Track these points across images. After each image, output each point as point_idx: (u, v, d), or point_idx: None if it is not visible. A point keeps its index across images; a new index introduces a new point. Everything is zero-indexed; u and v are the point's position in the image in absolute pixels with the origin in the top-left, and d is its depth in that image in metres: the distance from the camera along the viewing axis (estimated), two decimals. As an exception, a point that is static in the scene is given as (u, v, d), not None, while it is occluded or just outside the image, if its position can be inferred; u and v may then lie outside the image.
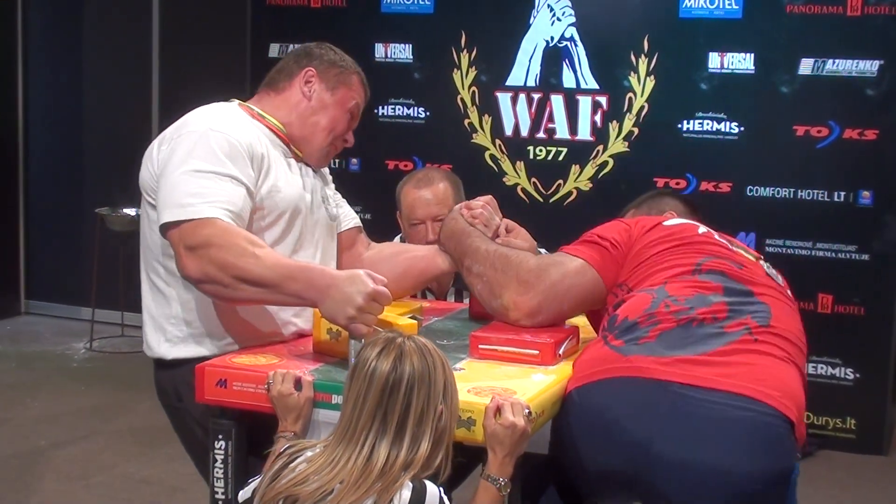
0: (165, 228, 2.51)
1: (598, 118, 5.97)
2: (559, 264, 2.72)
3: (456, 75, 6.26)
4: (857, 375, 5.63)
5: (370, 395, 2.10)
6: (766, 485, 2.32)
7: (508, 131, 6.18)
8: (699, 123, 5.73)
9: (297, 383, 2.34)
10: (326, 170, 3.07)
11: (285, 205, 2.69)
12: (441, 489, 2.12)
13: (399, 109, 6.41)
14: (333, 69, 2.83)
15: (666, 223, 2.75)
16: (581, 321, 2.86)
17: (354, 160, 6.49)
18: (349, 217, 3.08)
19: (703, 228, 2.76)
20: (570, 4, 5.99)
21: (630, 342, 2.44)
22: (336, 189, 3.10)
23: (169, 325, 2.66)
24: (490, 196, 2.98)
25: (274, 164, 2.69)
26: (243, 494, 2.24)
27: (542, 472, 2.64)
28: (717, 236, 2.73)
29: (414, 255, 3.03)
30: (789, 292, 2.72)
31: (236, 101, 2.83)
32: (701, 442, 2.29)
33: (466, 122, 6.26)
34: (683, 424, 2.30)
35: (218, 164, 2.53)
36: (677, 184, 5.75)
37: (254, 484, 2.23)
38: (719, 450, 2.28)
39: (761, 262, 2.76)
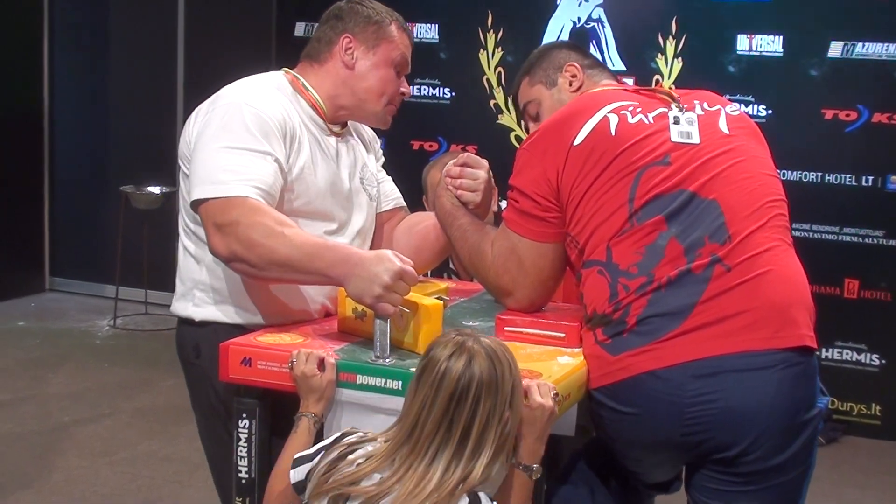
0: (196, 204, 2.51)
1: (624, 100, 5.93)
2: (514, 259, 2.60)
3: (482, 55, 6.23)
4: (883, 361, 5.60)
5: (437, 400, 2.05)
6: (805, 412, 2.36)
7: (534, 113, 6.14)
8: (728, 107, 5.68)
9: (321, 364, 2.33)
10: (377, 141, 3.05)
11: (317, 187, 2.66)
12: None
13: (425, 90, 6.40)
14: (370, 27, 2.74)
15: (576, 142, 2.50)
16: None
17: (379, 140, 6.45)
18: (390, 197, 3.03)
19: (613, 118, 2.50)
20: (597, -15, 5.96)
21: (615, 337, 2.39)
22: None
23: (197, 290, 2.67)
24: (466, 154, 2.86)
25: (307, 143, 2.66)
26: (295, 475, 2.20)
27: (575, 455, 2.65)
28: (630, 116, 2.51)
29: (427, 224, 2.97)
30: (734, 122, 2.59)
31: (283, 70, 2.80)
32: (729, 398, 2.30)
33: (492, 102, 6.24)
34: (705, 388, 2.30)
35: (250, 140, 2.51)
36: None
37: (306, 466, 2.19)
38: (749, 400, 2.30)
39: (697, 105, 2.59)
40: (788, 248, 2.47)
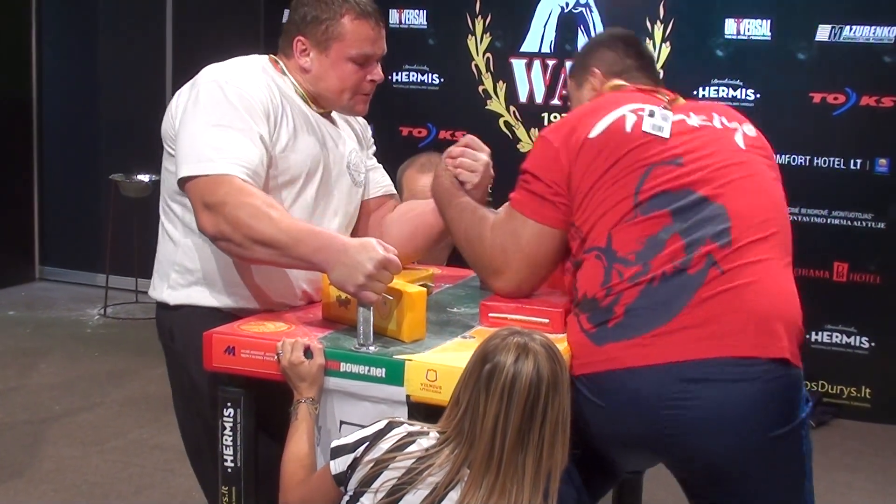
0: (183, 182, 2.51)
1: (613, 85, 5.92)
2: (514, 239, 2.60)
3: (470, 41, 6.22)
4: (873, 344, 5.61)
5: (513, 409, 1.99)
6: (779, 425, 2.34)
7: (523, 98, 6.15)
8: (715, 90, 5.69)
9: (307, 351, 2.33)
10: (367, 129, 3.06)
11: (299, 166, 2.67)
12: None
13: (413, 76, 6.39)
14: (319, 28, 2.68)
15: (591, 134, 2.52)
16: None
17: (369, 128, 6.44)
18: (380, 184, 3.03)
19: (630, 118, 2.53)
20: (585, -30, 5.95)
21: (601, 327, 2.38)
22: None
23: (173, 272, 2.68)
24: (469, 136, 2.88)
25: (289, 124, 2.66)
26: (337, 466, 2.14)
27: None
28: (646, 122, 2.52)
29: (421, 210, 2.97)
30: (750, 141, 2.60)
31: (268, 56, 2.80)
32: (707, 404, 2.29)
33: (481, 88, 6.23)
34: (682, 393, 2.29)
35: (236, 118, 2.53)
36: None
37: (348, 458, 2.12)
38: (726, 407, 2.29)
39: (707, 120, 2.61)
40: (784, 266, 2.47)
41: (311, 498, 2.25)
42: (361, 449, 2.11)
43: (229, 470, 2.47)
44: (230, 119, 2.52)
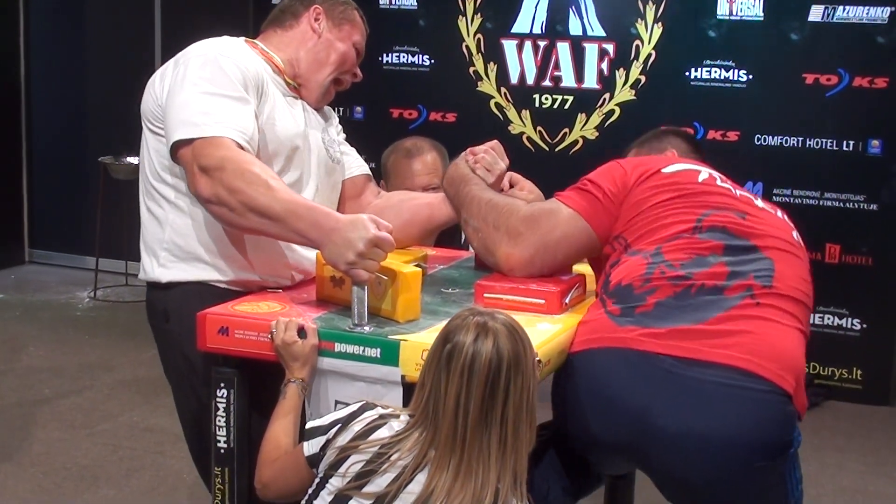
0: (177, 147, 2.48)
1: (604, 66, 5.92)
2: (550, 214, 2.63)
3: (461, 22, 6.20)
4: (864, 326, 5.62)
5: (473, 389, 1.99)
6: (762, 457, 2.28)
7: (514, 79, 6.13)
8: (707, 71, 5.68)
9: (301, 331, 2.31)
10: (335, 116, 3.05)
11: (283, 138, 2.66)
12: None
13: (403, 57, 6.36)
14: (338, 6, 2.87)
15: (665, 170, 2.63)
16: (587, 269, 2.82)
17: (359, 108, 6.45)
18: (356, 165, 3.04)
19: (704, 173, 2.65)
20: (577, -50, 5.93)
21: (626, 310, 2.38)
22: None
23: (161, 250, 2.65)
24: (496, 141, 2.92)
25: (272, 98, 2.68)
26: (310, 447, 2.15)
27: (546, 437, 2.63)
28: (719, 181, 2.65)
29: (420, 201, 2.99)
30: (798, 240, 2.65)
31: (243, 38, 2.80)
32: (695, 415, 2.25)
33: (471, 69, 6.20)
34: (677, 398, 2.26)
35: (230, 86, 2.52)
36: (685, 132, 5.70)
37: (321, 439, 2.13)
38: (712, 423, 2.25)
39: (770, 209, 2.68)
40: (804, 335, 2.48)
41: (283, 477, 2.25)
42: (334, 431, 2.12)
43: (222, 451, 2.46)
44: (226, 88, 2.52)
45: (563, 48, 5.99)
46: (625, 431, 2.33)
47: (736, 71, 5.64)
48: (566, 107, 6.00)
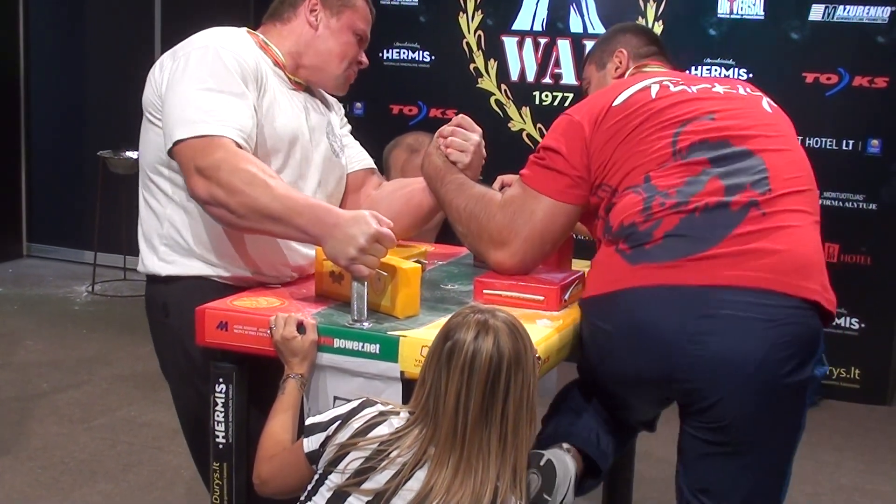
0: (174, 146, 2.46)
1: (605, 64, 5.90)
2: (524, 208, 2.60)
3: (462, 19, 6.19)
4: (863, 325, 5.62)
5: (474, 387, 1.99)
6: (790, 373, 2.33)
7: (514, 76, 6.13)
8: (708, 70, 5.67)
9: (300, 326, 2.31)
10: (340, 109, 3.03)
11: (282, 132, 2.64)
12: None
13: (404, 53, 6.36)
14: None
15: (616, 102, 2.56)
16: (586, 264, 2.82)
17: (359, 104, 6.44)
18: (359, 159, 3.01)
19: (655, 86, 2.58)
20: (578, -53, 5.92)
21: (638, 248, 2.38)
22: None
23: (160, 244, 2.64)
24: (462, 116, 2.87)
25: (272, 91, 2.65)
26: (309, 444, 2.14)
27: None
28: (672, 86, 2.59)
29: (412, 188, 2.95)
30: (771, 109, 2.63)
31: (245, 28, 2.78)
32: (724, 340, 2.28)
33: (472, 66, 6.20)
34: (706, 325, 2.28)
35: (229, 82, 2.50)
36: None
37: (321, 436, 2.12)
38: (743, 346, 2.28)
39: (731, 89, 2.65)
40: (815, 223, 2.48)
41: (282, 473, 2.25)
42: (334, 427, 2.11)
43: (221, 446, 2.45)
44: (226, 83, 2.49)
45: (564, 45, 5.99)
46: (661, 364, 2.34)
47: (736, 70, 5.63)
48: (566, 104, 5.99)
